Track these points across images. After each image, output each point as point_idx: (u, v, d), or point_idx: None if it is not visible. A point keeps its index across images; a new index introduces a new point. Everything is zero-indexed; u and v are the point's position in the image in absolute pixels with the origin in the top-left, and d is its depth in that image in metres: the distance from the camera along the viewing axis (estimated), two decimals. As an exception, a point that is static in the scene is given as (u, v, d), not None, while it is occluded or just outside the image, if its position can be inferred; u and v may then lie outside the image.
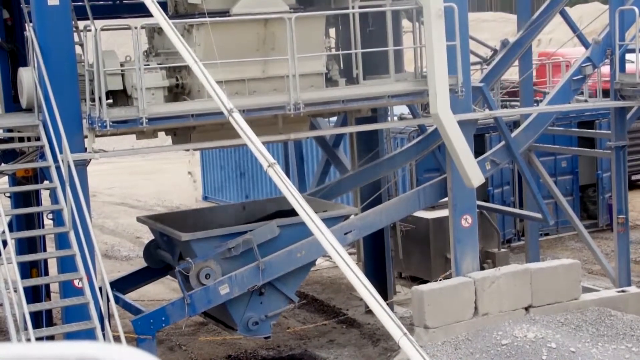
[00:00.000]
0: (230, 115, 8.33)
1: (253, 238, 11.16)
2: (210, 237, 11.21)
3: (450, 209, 12.16)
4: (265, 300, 11.43)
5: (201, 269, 10.91)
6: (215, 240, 11.19)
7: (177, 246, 11.72)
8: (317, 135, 14.62)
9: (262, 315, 11.43)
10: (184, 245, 11.24)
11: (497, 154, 12.83)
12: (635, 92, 13.20)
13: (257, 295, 11.35)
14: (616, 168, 13.80)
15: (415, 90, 11.55)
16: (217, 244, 11.14)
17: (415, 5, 11.48)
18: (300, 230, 10.79)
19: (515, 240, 19.05)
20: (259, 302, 11.39)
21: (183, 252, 11.57)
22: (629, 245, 14.09)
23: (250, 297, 11.33)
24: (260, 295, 11.37)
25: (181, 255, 11.73)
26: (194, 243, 11.09)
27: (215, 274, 10.95)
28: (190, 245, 11.10)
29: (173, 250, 11.96)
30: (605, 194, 19.93)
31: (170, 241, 11.84)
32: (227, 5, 10.97)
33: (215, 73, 9.26)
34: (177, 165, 31.36)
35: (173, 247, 11.92)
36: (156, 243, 12.60)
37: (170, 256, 12.04)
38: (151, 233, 12.83)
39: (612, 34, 13.19)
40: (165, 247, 12.14)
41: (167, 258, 12.22)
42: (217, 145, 11.79)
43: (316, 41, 11.28)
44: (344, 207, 12.67)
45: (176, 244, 11.66)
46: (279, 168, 7.98)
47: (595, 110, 19.44)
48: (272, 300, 11.51)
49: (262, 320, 11.44)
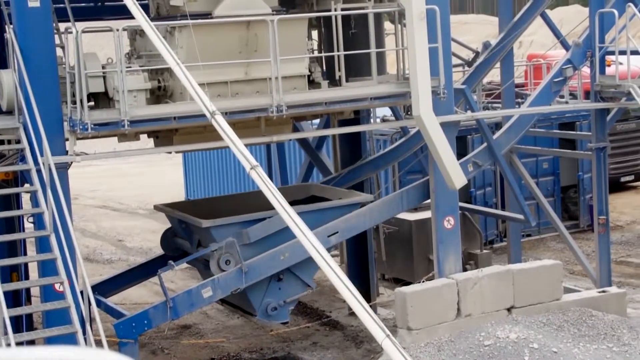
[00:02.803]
0: (213, 118, 8.31)
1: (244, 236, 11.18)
2: (230, 223, 11.30)
3: (433, 210, 12.19)
4: (284, 286, 11.62)
5: (221, 255, 11.06)
6: (235, 226, 11.29)
7: (195, 233, 11.83)
8: (299, 137, 14.63)
9: (281, 300, 11.63)
10: (203, 232, 11.31)
11: (479, 156, 12.87)
12: (616, 93, 13.28)
13: (275, 281, 11.57)
14: (597, 169, 13.87)
15: (397, 92, 11.57)
16: (237, 230, 11.24)
17: (398, 7, 11.50)
18: (317, 217, 11.37)
19: (497, 241, 19.12)
20: (278, 288, 11.61)
21: (202, 239, 11.67)
22: (609, 245, 14.18)
23: (269, 283, 11.52)
24: (279, 281, 11.57)
25: (200, 242, 11.84)
26: (214, 229, 11.19)
27: (235, 261, 11.09)
28: (210, 231, 11.17)
29: (191, 238, 12.06)
30: (586, 195, 20.05)
31: (189, 228, 11.94)
32: (210, 7, 10.94)
33: (198, 75, 9.25)
34: (160, 167, 31.30)
35: (191, 234, 12.02)
36: (173, 231, 12.70)
37: (189, 244, 12.11)
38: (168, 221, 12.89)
39: (592, 37, 13.27)
40: (184, 234, 12.21)
41: (185, 245, 12.29)
42: (199, 147, 11.77)
43: (299, 43, 11.28)
44: (359, 195, 12.80)
45: (195, 231, 11.78)
46: (262, 170, 7.98)
47: (576, 112, 19.56)
48: (290, 286, 11.69)
49: (281, 305, 11.64)
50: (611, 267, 14.21)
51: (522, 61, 27.55)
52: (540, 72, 22.91)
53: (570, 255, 16.13)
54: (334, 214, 11.86)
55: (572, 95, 19.27)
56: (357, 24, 11.84)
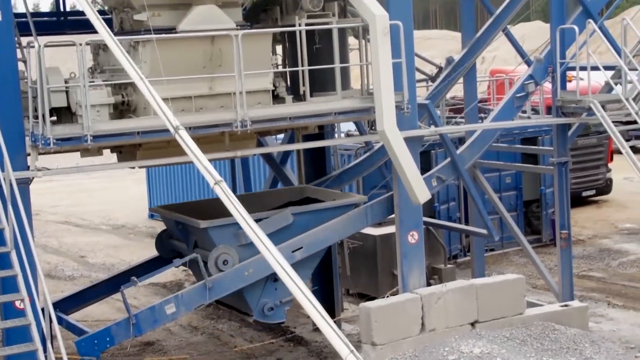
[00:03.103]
0: (177, 133, 8.28)
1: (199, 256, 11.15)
2: (228, 224, 11.26)
3: (397, 225, 12.22)
4: (280, 286, 11.57)
5: (219, 255, 11.17)
6: (233, 227, 11.19)
7: (192, 234, 11.88)
8: (264, 152, 14.61)
9: (277, 301, 11.78)
10: (201, 232, 11.37)
11: (443, 171, 12.94)
12: (577, 109, 13.43)
13: (272, 282, 11.68)
14: (559, 184, 14.00)
15: (361, 107, 11.61)
16: (234, 231, 11.22)
17: (362, 22, 11.56)
18: (313, 218, 11.77)
19: (461, 255, 19.20)
20: (274, 288, 11.73)
21: (199, 240, 11.77)
22: (571, 260, 14.29)
23: (265, 283, 11.65)
24: (275, 281, 11.62)
25: (196, 243, 11.91)
26: (212, 230, 11.27)
27: (233, 261, 11.22)
28: (208, 232, 11.24)
29: (188, 239, 12.12)
30: (548, 209, 20.22)
31: (186, 229, 12.00)
32: (174, 22, 10.92)
33: (162, 90, 9.21)
34: (123, 182, 31.07)
35: (188, 236, 12.08)
36: (168, 233, 12.78)
37: (185, 245, 12.19)
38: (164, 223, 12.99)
39: (554, 52, 13.42)
40: (180, 235, 12.30)
41: (181, 247, 12.36)
42: (163, 162, 11.70)
43: (263, 58, 11.29)
44: (353, 196, 13.03)
45: (192, 232, 11.88)
46: (226, 185, 7.95)
47: (538, 127, 19.75)
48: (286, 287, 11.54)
49: (277, 305, 11.81)
50: (573, 281, 14.32)
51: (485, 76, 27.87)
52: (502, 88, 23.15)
53: (533, 269, 16.24)
54: (332, 214, 12.07)
55: (534, 110, 19.48)
56: (322, 39, 11.87)
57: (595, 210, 23.60)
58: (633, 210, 23.16)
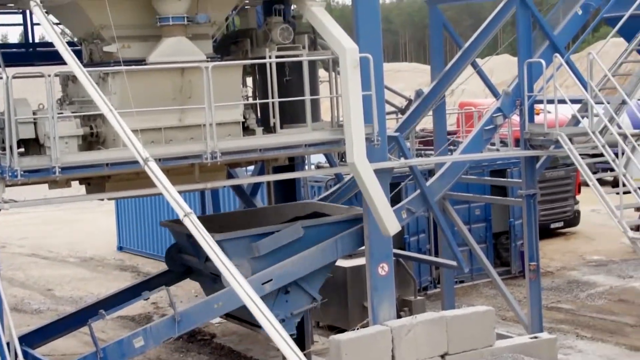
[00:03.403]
0: (146, 164, 8.24)
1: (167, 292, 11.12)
2: (241, 237, 11.67)
3: (367, 257, 12.22)
4: (291, 298, 12.03)
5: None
6: (246, 239, 11.66)
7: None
8: (234, 184, 14.57)
9: (288, 313, 12.05)
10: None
11: (413, 203, 12.98)
12: (544, 141, 13.56)
13: (283, 294, 11.95)
14: (527, 216, 14.09)
15: (331, 139, 11.64)
16: (248, 243, 11.61)
17: (332, 55, 11.63)
18: (323, 231, 12.12)
19: (431, 287, 19.21)
20: (285, 301, 12.01)
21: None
22: (540, 291, 14.35)
23: (277, 295, 11.89)
24: (286, 294, 11.96)
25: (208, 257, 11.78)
26: (226, 243, 11.41)
27: (246, 273, 11.33)
28: (221, 245, 11.25)
29: (200, 252, 12.08)
30: (517, 241, 20.32)
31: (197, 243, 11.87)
32: (144, 53, 10.92)
33: (131, 121, 9.18)
34: (92, 214, 30.82)
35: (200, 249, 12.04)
36: (178, 247, 13.05)
37: (197, 259, 12.39)
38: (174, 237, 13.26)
39: (521, 86, 13.57)
40: (192, 249, 12.41)
41: (192, 261, 12.63)
42: (132, 194, 11.63)
43: (233, 90, 11.30)
44: (359, 210, 13.07)
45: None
46: (195, 217, 7.91)
47: (507, 159, 19.91)
48: (297, 299, 12.11)
49: (288, 318, 12.06)
50: (542, 313, 14.37)
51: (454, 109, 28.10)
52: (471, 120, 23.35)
53: (502, 301, 16.28)
54: (340, 228, 12.36)
55: (503, 142, 19.64)
56: (292, 71, 11.92)
57: (563, 242, 23.77)
58: (600, 242, 23.35)
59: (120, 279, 21.67)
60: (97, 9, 10.53)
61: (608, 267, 20.91)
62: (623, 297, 18.30)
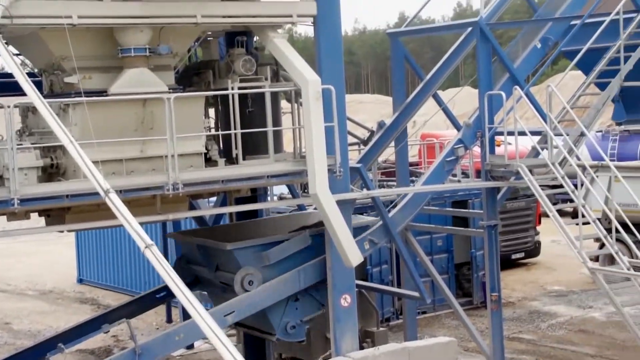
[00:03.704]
0: (107, 196, 8.18)
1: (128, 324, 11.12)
2: (252, 245, 12.03)
3: (330, 288, 12.19)
4: (301, 305, 12.40)
5: (245, 276, 11.74)
6: (257, 248, 12.01)
7: (215, 257, 12.40)
8: (196, 215, 14.49)
9: (298, 319, 12.40)
10: (225, 255, 11.91)
11: (375, 234, 12.99)
12: (505, 172, 13.68)
13: (293, 302, 12.34)
14: (489, 246, 14.17)
15: (294, 171, 11.65)
16: (258, 252, 11.94)
17: (294, 86, 11.67)
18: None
19: (393, 318, 19.21)
20: (295, 308, 12.38)
21: (222, 262, 12.28)
22: (502, 322, 14.40)
23: (287, 303, 12.26)
24: (296, 301, 12.35)
25: (218, 266, 12.40)
26: (237, 252, 11.80)
27: (258, 281, 11.79)
28: (233, 254, 11.72)
29: (210, 263, 12.60)
30: (479, 272, 20.40)
31: (207, 253, 12.49)
32: (105, 84, 10.87)
33: (92, 153, 9.11)
34: (51, 246, 30.45)
35: (210, 259, 12.54)
36: (186, 258, 13.30)
37: (206, 269, 12.70)
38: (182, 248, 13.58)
39: (482, 117, 13.70)
40: (201, 260, 12.77)
41: (201, 271, 12.93)
42: (92, 226, 11.51)
43: (195, 121, 11.28)
44: (364, 218, 13.72)
45: (215, 255, 12.38)
46: (157, 249, 7.85)
47: (468, 190, 20.04)
48: (306, 306, 12.45)
49: (298, 324, 12.41)
50: (504, 343, 14.41)
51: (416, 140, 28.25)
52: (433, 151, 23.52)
53: (464, 331, 16.32)
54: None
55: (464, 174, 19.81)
56: (254, 102, 11.94)
57: (524, 272, 23.92)
58: (561, 272, 23.55)
59: (80, 311, 21.39)
60: (57, 40, 10.48)
61: (568, 297, 21.07)
62: (583, 327, 18.44)
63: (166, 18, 10.90)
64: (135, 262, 22.65)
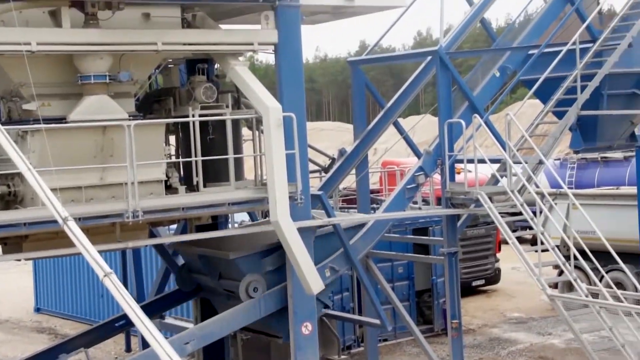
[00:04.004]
0: (65, 224, 8.08)
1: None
2: (254, 253, 12.31)
3: (291, 316, 12.14)
4: None
5: (249, 283, 12.01)
6: (258, 255, 12.29)
7: (218, 266, 12.69)
8: (156, 243, 14.38)
9: None
10: (228, 263, 12.17)
11: (336, 261, 12.99)
12: (465, 200, 13.77)
13: None
14: (449, 273, 14.22)
15: (255, 198, 11.62)
16: (258, 259, 12.24)
17: (255, 114, 11.67)
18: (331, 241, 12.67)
19: (355, 346, 19.15)
20: None
21: (225, 271, 12.59)
22: (462, 349, 14.44)
23: None
24: None
25: (221, 274, 12.74)
26: (240, 260, 12.06)
27: (262, 288, 12.10)
28: (235, 263, 11.92)
29: (213, 271, 12.92)
30: (440, 299, 20.45)
31: (209, 262, 12.72)
32: (64, 111, 10.79)
33: (50, 180, 9.02)
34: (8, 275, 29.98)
35: (212, 268, 12.89)
36: (187, 267, 13.75)
37: (209, 277, 13.03)
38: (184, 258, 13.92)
39: (442, 145, 13.80)
40: (203, 269, 13.10)
41: (204, 280, 13.30)
42: (50, 254, 11.39)
43: (156, 148, 11.23)
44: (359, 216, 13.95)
45: (217, 264, 12.71)
46: (116, 278, 7.76)
47: (429, 218, 20.12)
48: None
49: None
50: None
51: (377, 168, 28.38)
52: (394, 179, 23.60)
53: (425, 359, 16.31)
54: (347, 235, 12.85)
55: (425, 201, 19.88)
56: (215, 129, 11.92)
57: (484, 299, 24.02)
58: (520, 299, 23.69)
59: (37, 341, 21.05)
60: (16, 67, 10.39)
61: (528, 324, 21.19)
62: (543, 354, 18.53)
63: (127, 45, 10.87)
64: (94, 291, 22.39)
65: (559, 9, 14.76)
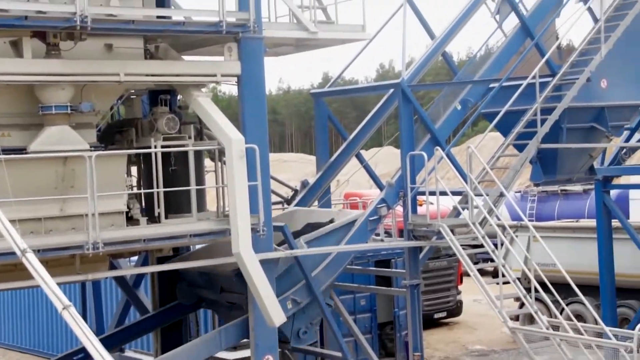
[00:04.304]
0: (24, 256, 7.98)
1: None
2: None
3: (252, 348, 12.06)
4: (307, 310, 12.89)
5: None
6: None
7: (219, 281, 12.97)
8: (116, 275, 14.25)
9: (308, 323, 12.96)
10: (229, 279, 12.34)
11: (298, 293, 12.94)
12: (427, 232, 13.82)
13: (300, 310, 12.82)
14: (411, 306, 14.23)
15: (217, 229, 11.57)
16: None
17: (218, 145, 11.65)
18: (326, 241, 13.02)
19: (317, 379, 19.03)
20: (302, 312, 12.86)
21: (227, 285, 12.79)
22: (425, 381, 14.42)
23: (294, 313, 12.69)
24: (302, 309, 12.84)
25: (222, 288, 12.96)
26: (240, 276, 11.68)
27: None
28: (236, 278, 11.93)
29: (214, 286, 13.19)
30: (402, 331, 20.40)
31: (210, 278, 12.95)
32: (24, 142, 10.68)
33: (9, 211, 8.91)
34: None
35: (213, 283, 13.17)
36: (187, 282, 13.84)
37: (211, 291, 13.33)
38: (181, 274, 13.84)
39: (404, 177, 13.87)
40: (204, 283, 13.42)
41: (206, 293, 13.54)
42: (8, 287, 11.22)
43: (117, 179, 11.15)
44: (350, 212, 14.14)
45: (218, 279, 12.95)
46: (75, 310, 7.66)
47: (391, 250, 20.14)
48: (312, 309, 12.94)
49: (309, 328, 12.99)
50: (427, 402, 14.42)
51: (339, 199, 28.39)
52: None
53: (388, 391, 16.27)
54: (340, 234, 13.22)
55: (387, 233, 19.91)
56: (177, 161, 11.87)
57: (446, 331, 24.05)
58: (482, 331, 23.74)
59: (-7, 375, 20.68)
60: (-24, 97, 10.30)
61: (490, 356, 21.22)
62: (505, 386, 18.58)
63: (89, 76, 10.83)
64: (53, 324, 22.06)
65: (519, 44, 14.98)
